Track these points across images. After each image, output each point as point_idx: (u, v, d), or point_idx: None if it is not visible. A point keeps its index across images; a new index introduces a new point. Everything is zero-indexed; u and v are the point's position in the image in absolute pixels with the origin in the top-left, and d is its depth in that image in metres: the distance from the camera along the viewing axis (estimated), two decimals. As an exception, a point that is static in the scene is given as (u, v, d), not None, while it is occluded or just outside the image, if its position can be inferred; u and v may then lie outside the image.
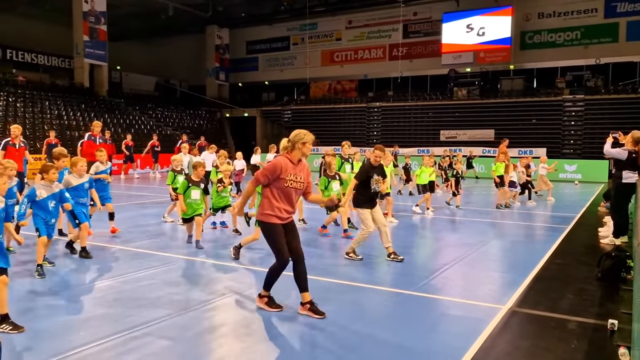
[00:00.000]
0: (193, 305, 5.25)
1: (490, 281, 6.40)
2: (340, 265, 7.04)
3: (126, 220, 10.58)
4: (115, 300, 5.38)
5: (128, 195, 15.65)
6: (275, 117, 39.29)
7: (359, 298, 5.76)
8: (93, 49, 32.58)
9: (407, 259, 7.56)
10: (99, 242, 8.27)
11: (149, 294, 5.61)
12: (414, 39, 36.13)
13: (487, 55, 32.65)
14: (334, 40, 39.41)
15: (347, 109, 36.09)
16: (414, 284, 6.08)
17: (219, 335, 4.53)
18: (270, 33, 41.63)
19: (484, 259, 7.71)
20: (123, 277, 6.23)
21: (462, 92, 33.21)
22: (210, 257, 7.47)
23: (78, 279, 6.14)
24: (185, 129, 34.90)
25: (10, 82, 30.59)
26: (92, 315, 4.93)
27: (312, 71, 39.11)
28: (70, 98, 30.77)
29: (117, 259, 7.25)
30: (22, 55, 34.80)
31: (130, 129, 30.34)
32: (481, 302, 5.50)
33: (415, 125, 33.28)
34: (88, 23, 32.06)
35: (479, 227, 10.89)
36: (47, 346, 4.17)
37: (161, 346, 4.21)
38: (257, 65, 42.99)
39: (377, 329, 4.70)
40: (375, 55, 37.88)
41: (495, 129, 29.80)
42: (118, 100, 34.42)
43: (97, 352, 4.08)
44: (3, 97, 27.35)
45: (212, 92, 41.70)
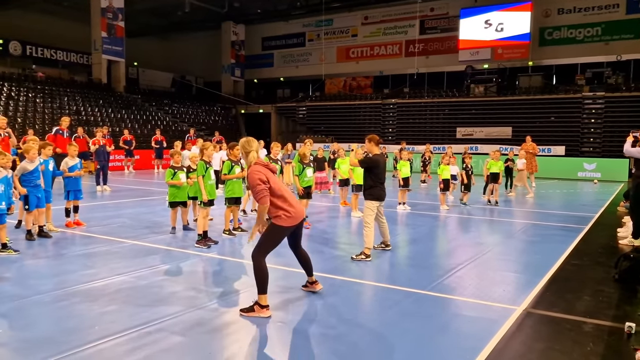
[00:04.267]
0: (206, 301, 5.28)
1: (504, 281, 6.33)
2: (351, 262, 7.02)
3: (141, 215, 10.69)
4: (129, 296, 5.43)
5: (142, 191, 15.79)
6: (290, 114, 39.33)
7: (371, 297, 5.75)
8: (111, 45, 32.91)
9: (421, 258, 7.53)
10: (114, 237, 8.37)
11: (162, 289, 5.66)
12: (431, 35, 35.87)
13: (505, 52, 32.28)
14: (350, 36, 39.29)
15: (362, 105, 35.98)
16: (427, 284, 6.04)
17: (231, 332, 4.55)
18: (285, 29, 41.66)
19: (498, 259, 7.62)
20: (137, 273, 6.28)
21: (479, 89, 32.88)
22: (223, 254, 7.50)
23: (93, 274, 6.21)
24: (200, 125, 35.17)
25: (29, 77, 31.07)
26: (107, 310, 4.99)
27: (327, 67, 39.06)
28: (89, 94, 31.14)
29: (131, 254, 7.32)
30: (42, 51, 35.31)
31: (146, 125, 30.65)
32: (495, 302, 5.44)
33: (431, 122, 33.07)
34: (106, 19, 32.40)
35: (493, 226, 10.78)
36: (62, 339, 4.22)
37: (174, 342, 4.24)
38: (272, 62, 43.05)
39: (389, 328, 4.68)
40: (392, 51, 37.69)
41: (512, 126, 29.49)
42: (135, 97, 34.75)
43: (111, 347, 4.12)
44: (23, 92, 27.78)
45: (227, 89, 41.89)
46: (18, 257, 6.93)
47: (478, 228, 10.59)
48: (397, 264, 7.18)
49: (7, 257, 6.88)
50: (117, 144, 21.87)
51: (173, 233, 8.73)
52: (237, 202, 8.93)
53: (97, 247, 7.71)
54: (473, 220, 11.41)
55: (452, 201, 13.73)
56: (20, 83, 29.08)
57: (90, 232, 8.78)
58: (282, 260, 6.53)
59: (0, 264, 6.57)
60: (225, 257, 7.31)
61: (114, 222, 9.88)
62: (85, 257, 7.13)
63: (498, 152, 14.27)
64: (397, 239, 8.71)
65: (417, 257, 7.61)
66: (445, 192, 12.96)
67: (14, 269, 6.38)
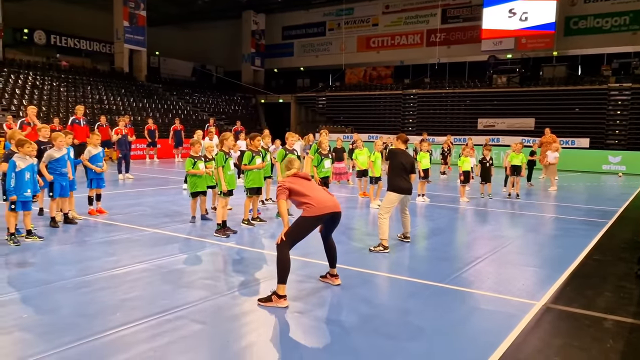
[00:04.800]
0: (224, 290, 5.35)
1: (524, 276, 6.27)
2: (369, 254, 7.02)
3: (161, 204, 10.83)
4: (149, 284, 5.53)
5: (163, 180, 15.99)
6: (310, 104, 39.28)
7: (388, 289, 5.76)
8: (133, 35, 33.21)
9: (440, 250, 7.50)
10: (135, 224, 8.50)
11: (182, 277, 5.75)
12: (453, 24, 35.37)
13: (529, 41, 31.67)
14: (371, 25, 38.96)
15: (383, 95, 35.76)
16: (445, 277, 6.01)
17: (249, 322, 4.60)
18: (306, 18, 41.48)
19: (518, 253, 7.55)
20: (157, 261, 6.39)
21: (501, 79, 32.38)
22: (242, 244, 7.57)
23: (115, 261, 6.33)
24: (220, 114, 35.36)
25: (54, 66, 31.56)
26: (128, 297, 5.09)
27: (347, 57, 38.85)
28: (111, 83, 31.51)
29: (151, 242, 7.44)
30: (65, 40, 35.77)
31: (167, 114, 30.93)
32: (514, 297, 5.40)
33: (452, 113, 32.72)
34: (128, 8, 32.66)
35: (514, 219, 10.67)
36: (85, 325, 4.33)
37: (193, 330, 4.31)
38: (292, 51, 42.96)
39: (406, 321, 4.69)
40: (413, 41, 37.29)
41: (535, 118, 29.01)
42: (156, 86, 35.06)
43: (132, 333, 4.21)
44: (47, 81, 28.25)
45: (247, 78, 41.98)
46: (42, 244, 7.10)
47: (498, 221, 10.49)
48: (416, 256, 7.16)
49: (32, 244, 7.05)
50: (139, 133, 22.15)
51: (193, 222, 8.83)
52: (258, 192, 8.98)
53: (118, 234, 7.85)
54: (493, 213, 11.30)
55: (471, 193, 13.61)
56: (45, 72, 29.56)
57: (112, 219, 8.94)
58: (299, 251, 6.55)
59: (26, 250, 6.74)
60: (244, 247, 7.38)
61: (135, 210, 10.04)
62: (107, 244, 7.27)
63: (520, 144, 14.05)
64: (416, 230, 8.69)
65: (435, 249, 7.59)
66: (466, 184, 12.84)
67: (39, 255, 6.54)
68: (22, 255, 6.49)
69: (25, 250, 6.69)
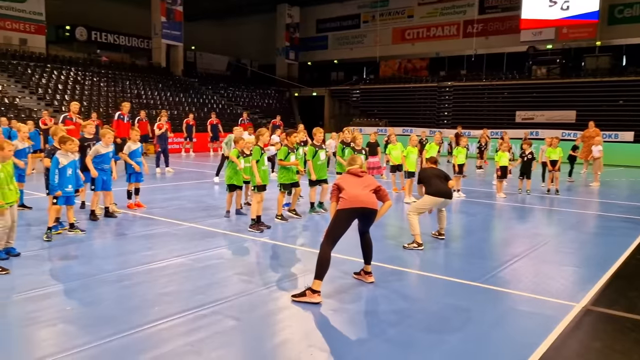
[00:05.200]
0: (258, 286, 5.41)
1: (563, 276, 6.11)
2: (402, 251, 6.97)
3: (198, 198, 11.02)
4: (186, 278, 5.65)
5: (200, 173, 16.25)
6: (344, 97, 39.16)
7: (422, 288, 5.70)
8: (170, 30, 33.79)
9: (475, 248, 7.39)
10: (172, 218, 8.69)
11: (217, 273, 5.85)
12: (491, 15, 34.56)
13: (570, 31, 30.65)
14: (406, 17, 38.48)
15: (418, 88, 35.30)
16: (481, 276, 5.92)
17: (283, 319, 4.65)
18: (340, 11, 41.29)
19: (557, 252, 7.36)
20: (194, 255, 6.52)
21: (541, 70, 31.48)
22: (276, 239, 7.64)
23: (153, 255, 6.49)
24: (254, 108, 35.65)
25: (94, 62, 32.47)
26: (166, 291, 5.21)
27: (382, 49, 38.50)
28: (149, 77, 32.20)
29: (188, 236, 7.59)
30: (105, 36, 36.75)
31: (203, 108, 31.39)
32: (553, 298, 5.27)
33: (488, 106, 32.03)
34: (165, 4, 33.22)
35: (553, 216, 10.40)
36: (124, 318, 4.46)
37: (228, 326, 4.39)
38: (326, 44, 42.87)
39: (439, 321, 4.64)
40: (449, 32, 36.64)
41: (577, 110, 28.11)
42: (192, 80, 35.61)
43: (169, 328, 4.32)
44: (88, 76, 29.07)
45: (281, 71, 42.14)
46: (85, 237, 7.34)
47: (536, 218, 10.25)
48: (450, 254, 7.07)
49: (74, 237, 7.30)
50: (174, 127, 22.60)
51: (227, 217, 8.95)
52: (294, 185, 9.03)
53: (156, 228, 8.04)
54: (531, 210, 11.04)
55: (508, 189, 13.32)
56: (86, 67, 30.42)
57: (150, 213, 9.16)
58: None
59: (69, 243, 6.98)
60: (278, 242, 7.44)
61: (173, 204, 10.25)
62: (146, 238, 7.46)
63: (556, 138, 13.62)
64: (450, 227, 8.56)
65: (471, 247, 7.47)
66: (503, 179, 12.58)
67: (81, 248, 6.76)
68: (64, 248, 6.72)
69: (68, 244, 6.93)
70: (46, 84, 26.35)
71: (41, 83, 26.20)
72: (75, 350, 3.85)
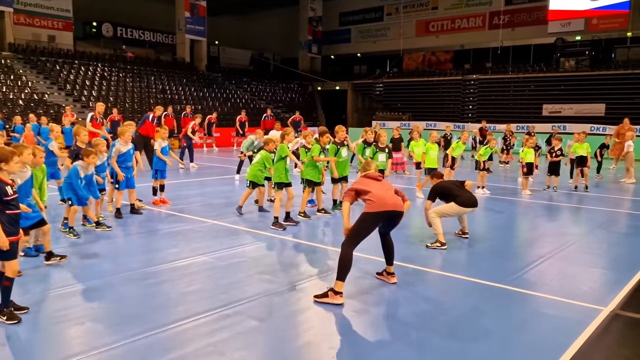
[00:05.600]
0: (281, 286, 5.44)
1: (590, 278, 5.97)
2: (425, 250, 6.92)
3: (222, 194, 11.12)
4: (209, 277, 5.71)
5: (223, 169, 16.38)
6: (367, 91, 38.94)
7: (445, 289, 5.64)
8: (193, 25, 34.05)
9: (499, 248, 7.28)
10: (196, 215, 8.79)
11: (240, 271, 5.89)
12: (518, 6, 33.88)
13: (600, 22, 29.84)
14: (430, 9, 38.00)
15: (442, 81, 34.87)
16: (505, 277, 5.83)
17: (305, 319, 4.66)
18: (363, 3, 40.99)
19: (584, 252, 7.20)
20: (217, 254, 6.58)
21: (569, 62, 30.75)
22: (300, 237, 7.66)
23: (177, 253, 6.58)
24: (277, 102, 35.73)
25: (120, 58, 32.96)
26: (189, 290, 5.28)
27: (405, 42, 38.11)
28: (173, 73, 32.55)
29: (211, 234, 7.67)
30: (131, 32, 37.22)
31: (226, 103, 31.60)
32: (579, 301, 5.16)
33: (514, 99, 31.47)
34: (189, 0, 33.43)
35: (580, 215, 10.19)
36: (149, 317, 4.53)
37: (250, 326, 4.42)
38: (349, 37, 42.64)
39: (463, 323, 4.59)
40: (474, 24, 36.06)
41: (606, 103, 27.41)
42: (216, 75, 35.87)
43: (193, 327, 4.37)
44: (114, 72, 29.54)
45: (304, 65, 42.10)
46: (110, 234, 7.48)
47: (563, 216, 10.06)
48: (474, 254, 6.98)
49: (102, 234, 7.44)
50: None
51: (240, 214, 8.89)
52: (317, 184, 9.04)
53: (180, 225, 8.15)
54: (558, 208, 10.83)
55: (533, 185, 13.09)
56: (112, 63, 30.91)
57: (174, 210, 9.28)
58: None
59: (95, 240, 7.12)
60: (301, 241, 7.46)
61: (197, 200, 10.38)
62: (170, 235, 7.56)
63: (583, 133, 13.29)
64: (474, 226, 8.44)
65: (495, 247, 7.36)
66: (529, 176, 12.37)
67: (107, 246, 6.89)
68: (91, 246, 6.85)
69: (94, 241, 7.06)
70: (74, 80, 26.88)
71: (69, 79, 26.74)
72: (103, 349, 3.93)
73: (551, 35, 31.43)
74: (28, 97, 23.22)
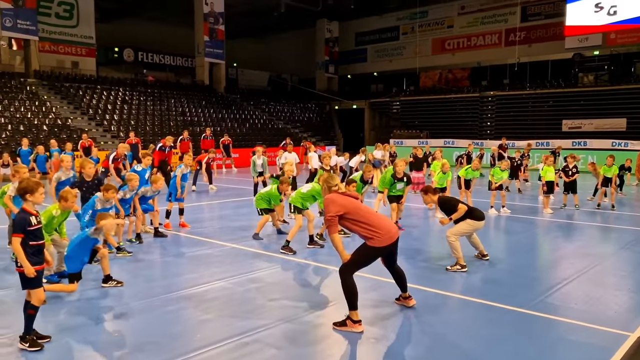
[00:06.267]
0: (300, 312, 5.41)
1: (616, 302, 5.82)
2: (445, 274, 6.84)
3: (241, 216, 11.15)
4: (227, 303, 5.72)
5: (242, 190, 16.47)
6: (384, 109, 39.03)
7: (466, 314, 5.55)
8: (212, 48, 34.65)
9: (520, 270, 7.15)
10: (215, 239, 8.84)
11: (258, 297, 5.89)
12: (534, 22, 33.79)
13: (619, 36, 29.57)
14: (446, 27, 38.11)
15: (459, 99, 34.78)
16: (527, 301, 5.72)
17: (325, 348, 4.63)
18: (379, 24, 41.32)
19: (609, 274, 7.04)
20: (235, 279, 6.59)
21: (588, 77, 30.47)
22: (318, 261, 7.63)
23: (196, 279, 6.61)
24: (295, 122, 36.01)
25: (141, 82, 33.67)
26: (207, 317, 5.29)
27: (421, 60, 38.21)
28: (192, 95, 33.08)
29: (230, 258, 7.70)
30: (151, 56, 38.07)
31: (245, 124, 31.93)
32: (605, 327, 5.03)
33: (533, 115, 31.19)
34: (208, 24, 34.12)
35: (605, 234, 9.98)
36: (168, 345, 4.55)
37: (269, 355, 4.40)
38: (365, 57, 42.95)
39: (484, 350, 4.51)
40: (490, 41, 36.04)
41: (627, 117, 27.01)
42: (234, 96, 36.34)
43: (213, 356, 4.37)
44: (136, 96, 30.14)
45: (321, 85, 42.45)
46: (131, 258, 7.56)
47: (586, 236, 9.86)
48: (495, 277, 6.87)
49: (122, 258, 7.53)
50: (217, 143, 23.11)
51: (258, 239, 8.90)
52: None
53: (200, 249, 8.20)
54: (580, 227, 10.63)
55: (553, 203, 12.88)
56: (133, 87, 31.57)
57: (194, 233, 9.35)
58: (372, 270, 6.50)
59: (115, 266, 7.17)
60: (319, 264, 7.42)
61: (216, 223, 10.46)
62: (190, 260, 7.61)
63: (611, 158, 13.08)
64: (493, 247, 8.32)
65: (516, 269, 7.23)
66: (549, 194, 12.20)
67: (127, 272, 6.94)
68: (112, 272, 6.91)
69: (114, 267, 7.11)
70: (96, 104, 27.49)
71: (92, 104, 27.35)
72: (122, 379, 3.96)
73: (569, 51, 31.22)
74: (52, 122, 23.80)
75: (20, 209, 4.51)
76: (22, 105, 24.27)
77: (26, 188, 4.53)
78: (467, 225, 7.10)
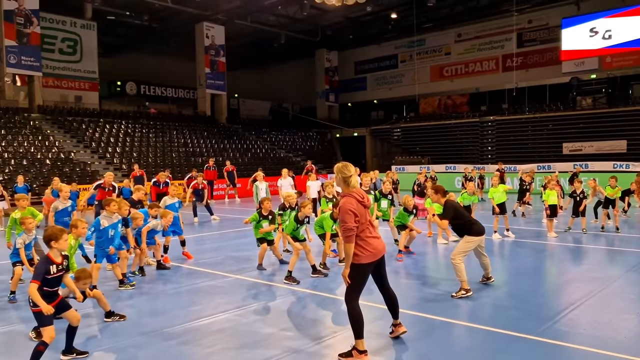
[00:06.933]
0: (305, 343, 5.35)
1: (625, 326, 5.74)
2: (450, 300, 6.77)
3: (243, 247, 11.12)
4: (232, 336, 5.65)
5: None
6: (385, 136, 39.27)
7: (473, 341, 5.47)
8: (213, 80, 35.13)
9: (527, 295, 7.08)
10: (218, 270, 8.79)
11: (263, 329, 5.83)
12: (530, 48, 34.25)
13: (614, 60, 29.92)
14: (443, 54, 38.62)
15: (459, 124, 35.01)
16: (534, 327, 5.64)
17: (330, 379, 4.56)
18: (378, 52, 41.93)
19: (617, 298, 6.95)
20: (240, 310, 6.54)
21: (586, 101, 30.70)
22: (321, 290, 7.57)
23: (199, 311, 6.55)
24: (297, 150, 36.19)
25: (143, 114, 34.04)
26: (212, 351, 5.22)
27: (420, 87, 38.60)
28: (195, 126, 33.38)
29: (233, 289, 7.64)
30: (154, 89, 38.57)
31: (247, 153, 32.10)
32: (615, 352, 4.95)
33: (533, 139, 31.33)
34: (209, 56, 34.67)
35: (611, 257, 9.89)
36: (173, 381, 4.49)
37: (275, 388, 4.34)
38: (365, 85, 43.44)
39: (494, 380, 4.43)
40: (488, 67, 36.47)
41: (627, 139, 27.10)
42: (236, 126, 36.66)
43: (216, 390, 4.31)
44: (138, 128, 30.42)
45: (322, 114, 42.84)
46: (134, 292, 7.51)
47: (592, 259, 9.78)
48: (501, 302, 6.79)
49: (125, 291, 7.48)
50: (220, 173, 23.22)
51: (262, 269, 8.87)
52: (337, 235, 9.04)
53: (203, 281, 8.15)
54: (586, 250, 10.56)
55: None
56: (136, 120, 31.89)
57: (197, 265, 9.31)
58: (379, 298, 6.45)
59: (118, 300, 7.14)
60: (323, 293, 7.35)
61: (219, 254, 10.40)
62: (193, 292, 7.56)
63: (614, 179, 13.09)
64: (500, 272, 8.27)
65: (522, 294, 7.15)
66: (553, 218, 12.15)
67: (130, 305, 6.90)
68: (113, 305, 6.79)
69: (117, 301, 7.08)
70: (99, 137, 27.72)
71: (94, 137, 27.59)
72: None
73: (565, 75, 31.56)
74: (55, 156, 23.96)
75: (45, 257, 4.77)
76: (26, 139, 24.48)
77: (51, 235, 4.80)
78: (467, 243, 7.03)
